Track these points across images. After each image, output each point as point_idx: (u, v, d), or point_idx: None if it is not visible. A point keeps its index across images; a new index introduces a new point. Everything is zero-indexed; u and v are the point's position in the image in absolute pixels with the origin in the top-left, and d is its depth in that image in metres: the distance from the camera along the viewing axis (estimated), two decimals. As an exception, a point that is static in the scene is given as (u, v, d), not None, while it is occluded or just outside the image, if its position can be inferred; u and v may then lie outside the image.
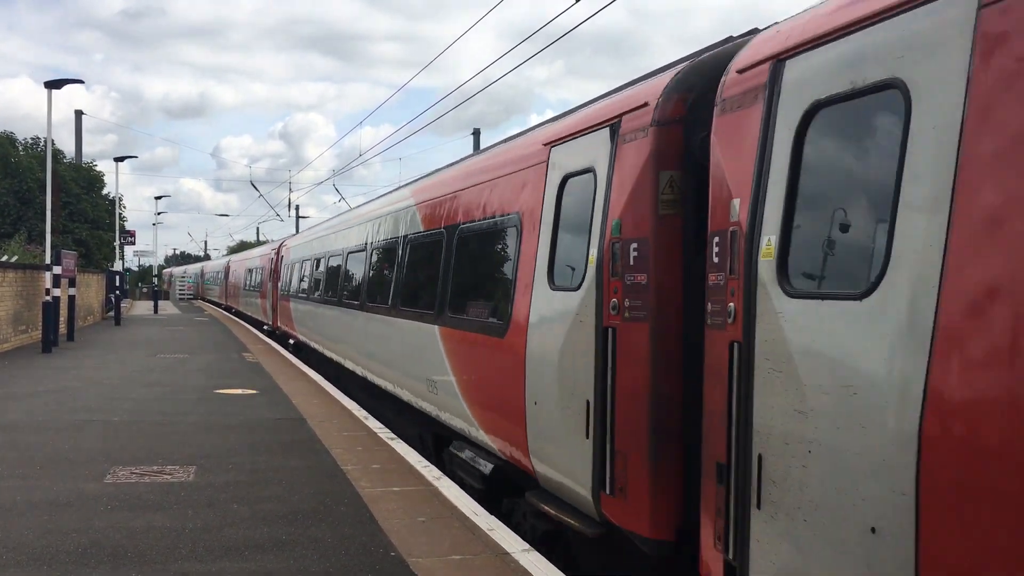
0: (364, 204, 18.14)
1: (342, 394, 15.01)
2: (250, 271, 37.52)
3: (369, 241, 14.05)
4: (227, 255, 73.48)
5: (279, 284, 26.43)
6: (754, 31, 5.58)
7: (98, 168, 46.21)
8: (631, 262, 5.69)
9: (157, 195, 69.37)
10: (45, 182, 26.52)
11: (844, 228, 4.07)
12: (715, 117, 4.97)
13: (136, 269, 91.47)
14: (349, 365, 15.21)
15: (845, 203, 4.05)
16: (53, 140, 27.98)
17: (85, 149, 47.84)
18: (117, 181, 57.15)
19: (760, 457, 4.29)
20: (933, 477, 3.31)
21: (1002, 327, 3.10)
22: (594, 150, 6.35)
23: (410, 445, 10.75)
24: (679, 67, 5.89)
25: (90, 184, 43.53)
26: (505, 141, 9.51)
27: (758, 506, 4.29)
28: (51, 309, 23.39)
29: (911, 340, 3.43)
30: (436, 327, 9.76)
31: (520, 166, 7.90)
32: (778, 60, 4.45)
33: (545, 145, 7.31)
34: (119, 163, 44.03)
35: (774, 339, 4.22)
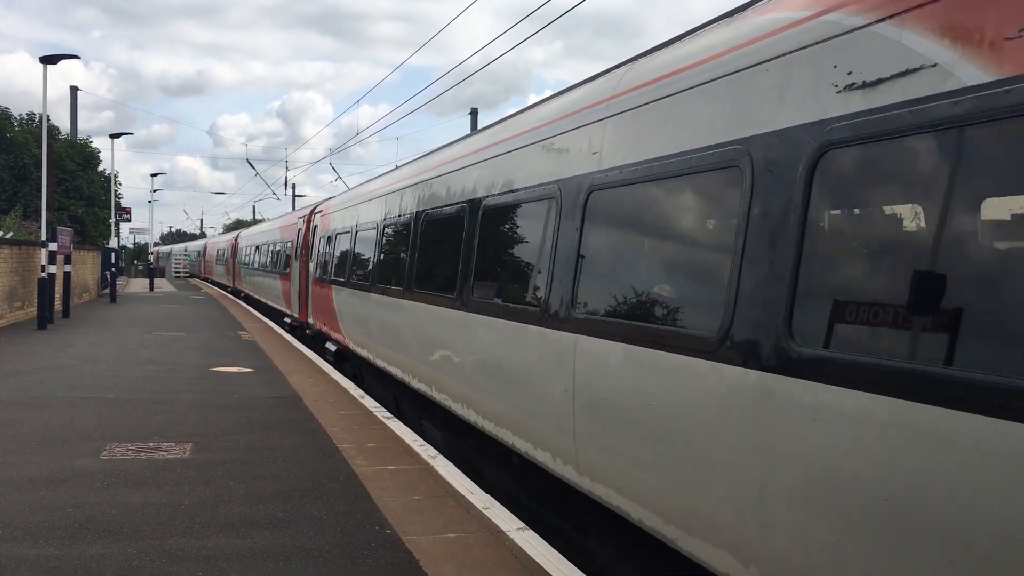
0: (263, 223, 38.69)
1: (338, 373, 15.04)
2: (219, 250, 58.31)
3: (269, 240, 30.91)
4: (222, 233, 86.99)
5: (237, 259, 43.54)
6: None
7: (94, 145, 45.88)
8: (303, 252, 21.94)
9: (153, 172, 69.10)
10: (41, 158, 26.36)
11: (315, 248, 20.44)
12: (312, 223, 21.19)
13: (132, 247, 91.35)
14: (264, 301, 31.67)
15: (314, 245, 20.51)
16: (49, 116, 27.78)
17: (82, 126, 47.75)
18: (113, 158, 56.97)
19: (310, 294, 20.35)
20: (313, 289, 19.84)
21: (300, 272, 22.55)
22: (304, 222, 22.50)
23: (279, 327, 24.95)
24: (315, 203, 23.38)
25: (86, 161, 43.20)
26: (297, 210, 30.59)
27: (309, 308, 20.35)
28: (47, 286, 23.34)
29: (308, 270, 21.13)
30: (278, 275, 26.69)
31: (294, 221, 24.67)
32: (317, 213, 20.80)
33: (299, 217, 23.98)
34: (115, 140, 43.88)
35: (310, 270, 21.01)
